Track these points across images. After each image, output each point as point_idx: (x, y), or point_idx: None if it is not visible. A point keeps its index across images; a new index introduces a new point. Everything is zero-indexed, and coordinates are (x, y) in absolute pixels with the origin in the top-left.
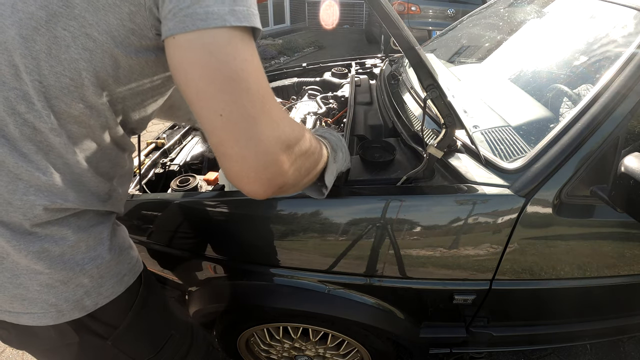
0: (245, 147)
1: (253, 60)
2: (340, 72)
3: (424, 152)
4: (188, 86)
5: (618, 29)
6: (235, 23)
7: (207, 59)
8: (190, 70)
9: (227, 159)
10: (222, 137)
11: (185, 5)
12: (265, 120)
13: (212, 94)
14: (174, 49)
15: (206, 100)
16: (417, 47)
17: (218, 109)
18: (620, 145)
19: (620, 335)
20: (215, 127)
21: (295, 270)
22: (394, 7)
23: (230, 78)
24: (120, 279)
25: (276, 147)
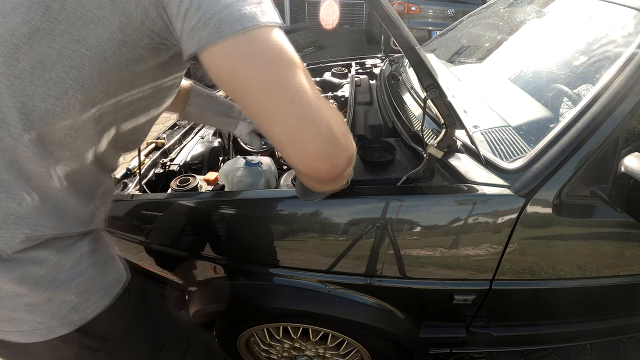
0: (321, 124)
1: (293, 48)
2: (340, 72)
3: (424, 152)
4: (248, 86)
5: (618, 29)
6: (270, 21)
7: (261, 52)
8: (247, 70)
9: (304, 144)
10: (297, 123)
11: (217, 11)
12: (324, 99)
13: (278, 82)
14: (217, 56)
15: (275, 91)
16: (417, 47)
17: (288, 94)
18: (620, 145)
19: (620, 335)
20: (289, 115)
21: (295, 270)
22: (394, 7)
23: (290, 62)
24: (106, 291)
25: (341, 121)
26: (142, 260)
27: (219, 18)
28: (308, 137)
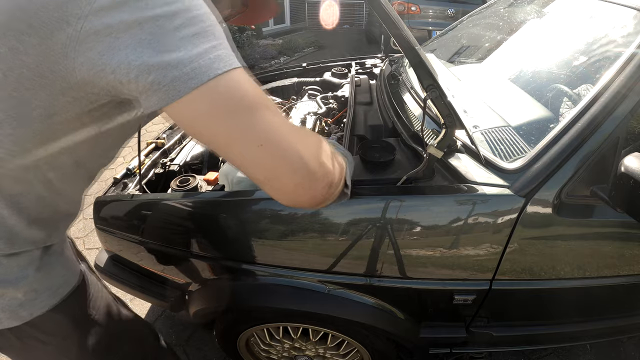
0: (293, 160)
1: (256, 86)
2: (340, 72)
3: (424, 152)
4: (215, 138)
5: (618, 29)
6: (225, 67)
7: (221, 103)
8: (210, 124)
9: (279, 181)
10: (269, 165)
11: (168, 71)
12: (296, 130)
13: (243, 130)
14: (179, 114)
15: (242, 139)
16: (417, 47)
17: (255, 140)
18: (620, 145)
19: (620, 335)
20: (259, 158)
21: (295, 270)
22: (394, 7)
23: (252, 106)
24: (54, 292)
25: (316, 149)
26: (142, 260)
27: (172, 77)
28: (282, 175)
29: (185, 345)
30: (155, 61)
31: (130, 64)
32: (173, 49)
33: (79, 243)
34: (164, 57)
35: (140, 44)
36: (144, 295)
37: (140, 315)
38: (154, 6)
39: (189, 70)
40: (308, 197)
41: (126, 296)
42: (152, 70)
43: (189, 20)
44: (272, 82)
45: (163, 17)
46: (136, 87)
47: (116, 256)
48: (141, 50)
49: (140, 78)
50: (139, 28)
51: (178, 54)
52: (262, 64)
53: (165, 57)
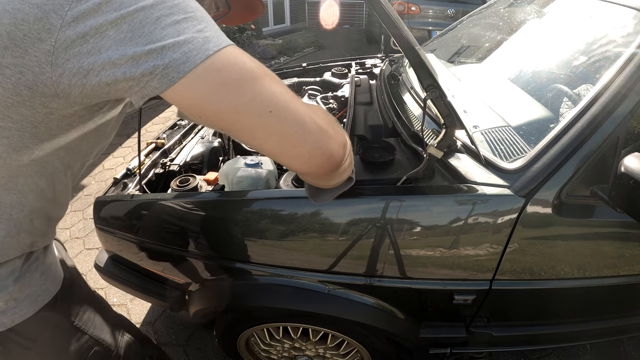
0: (305, 122)
1: (252, 58)
2: (340, 72)
3: (424, 152)
4: (223, 116)
5: (618, 29)
6: (216, 46)
7: (221, 80)
8: (214, 102)
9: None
10: (282, 131)
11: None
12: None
13: (250, 101)
14: (179, 99)
15: (251, 110)
16: (417, 47)
17: (264, 107)
18: (620, 145)
19: (620, 335)
20: (272, 125)
21: (295, 270)
22: (394, 7)
23: (253, 76)
24: (34, 299)
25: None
26: (142, 260)
27: (163, 66)
28: (298, 140)
29: (185, 345)
30: (144, 53)
31: (117, 60)
32: (159, 38)
33: (79, 243)
34: (152, 48)
35: (125, 40)
36: (144, 295)
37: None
38: (130, 3)
39: (180, 55)
40: (326, 158)
41: (126, 296)
42: (142, 61)
43: (169, 9)
44: None
45: (142, 11)
46: (125, 82)
47: (116, 256)
48: (126, 47)
49: (130, 71)
50: (120, 26)
51: (165, 42)
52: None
53: (154, 47)
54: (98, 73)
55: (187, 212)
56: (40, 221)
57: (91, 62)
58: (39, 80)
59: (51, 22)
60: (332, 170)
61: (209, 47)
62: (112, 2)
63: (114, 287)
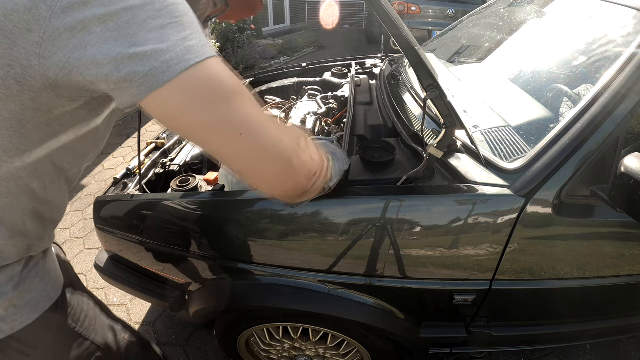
0: (273, 149)
1: (232, 75)
2: (340, 72)
3: (424, 152)
4: (194, 131)
5: (618, 29)
6: (198, 57)
7: (196, 95)
8: (188, 116)
9: (261, 171)
10: (250, 155)
11: (140, 67)
12: (272, 120)
13: (222, 121)
14: (154, 108)
15: (221, 131)
16: (417, 47)
17: (236, 129)
18: (620, 145)
19: (620, 335)
20: (240, 149)
21: (296, 270)
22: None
23: (229, 94)
24: (35, 305)
25: (293, 138)
26: (142, 260)
27: (143, 73)
28: (263, 165)
29: (185, 345)
30: (126, 56)
31: (101, 60)
32: (143, 42)
33: (79, 243)
34: (134, 51)
35: (110, 39)
36: (144, 295)
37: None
38: (118, 1)
39: (160, 64)
40: (292, 185)
41: (126, 296)
42: (123, 66)
43: (157, 12)
44: (272, 82)
45: (130, 11)
46: (107, 84)
47: (116, 256)
48: (110, 46)
49: (112, 75)
50: (107, 23)
51: (148, 48)
52: (262, 64)
53: (136, 52)
54: (82, 71)
55: (187, 212)
56: (34, 223)
57: (76, 59)
58: (27, 73)
59: (40, 13)
60: (297, 196)
61: (190, 57)
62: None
63: (114, 287)
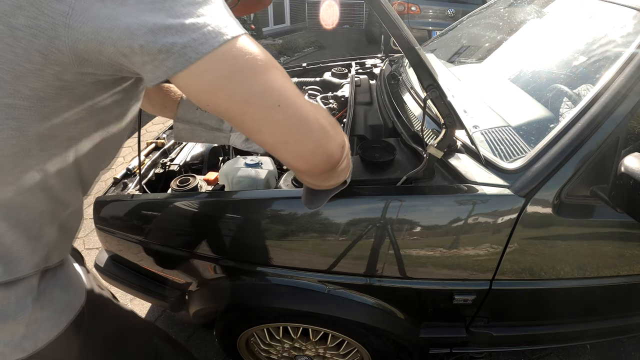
0: (310, 120)
1: (264, 50)
2: (340, 72)
3: (424, 152)
4: (232, 104)
5: (618, 29)
6: (233, 33)
7: (234, 67)
8: (226, 89)
9: (299, 143)
10: (288, 126)
11: (177, 38)
12: (303, 96)
13: (260, 93)
14: (191, 82)
15: (260, 102)
16: (417, 47)
17: (274, 101)
18: (620, 146)
19: (620, 335)
20: (279, 120)
21: (296, 270)
22: (394, 7)
23: (265, 67)
24: (56, 320)
25: (324, 112)
26: (142, 260)
27: (182, 44)
28: (301, 136)
29: (185, 345)
30: (163, 27)
31: (136, 30)
32: (180, 15)
33: (79, 243)
34: (172, 23)
35: (145, 10)
36: (144, 295)
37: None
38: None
39: (199, 35)
40: (325, 157)
41: (126, 296)
42: (160, 36)
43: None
44: None
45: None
46: (141, 56)
47: (116, 256)
48: (146, 17)
49: (148, 45)
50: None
51: (186, 21)
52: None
53: (173, 23)
54: (115, 42)
55: (187, 212)
56: (52, 228)
57: (108, 28)
58: (53, 45)
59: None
60: (329, 170)
61: (228, 31)
62: None
63: (114, 287)
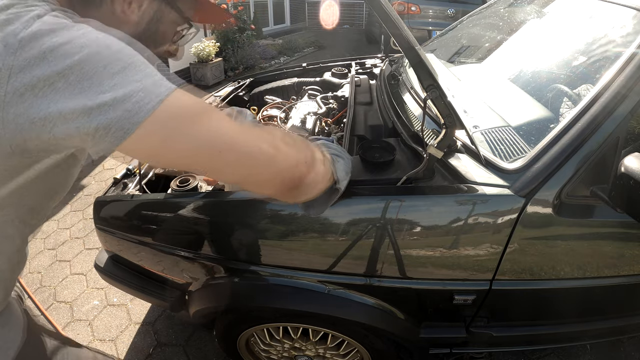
0: (255, 153)
1: (196, 99)
2: (340, 72)
3: (424, 152)
4: (176, 159)
5: (618, 29)
6: (161, 95)
7: (169, 129)
8: (166, 152)
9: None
10: (236, 168)
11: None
12: (244, 127)
13: (200, 146)
14: (132, 151)
15: (202, 155)
16: (417, 47)
17: (215, 149)
18: (620, 146)
19: (620, 336)
20: (226, 164)
21: (295, 270)
22: (394, 7)
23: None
24: (3, 354)
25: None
26: (142, 260)
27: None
28: (258, 168)
29: (185, 345)
30: (95, 107)
31: (69, 115)
32: (109, 89)
33: (79, 243)
34: (102, 100)
35: (74, 92)
36: (144, 295)
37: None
38: (73, 54)
39: (131, 105)
40: (285, 179)
41: (126, 296)
42: (94, 116)
43: (113, 56)
44: (272, 82)
45: (87, 61)
46: (80, 137)
47: (116, 256)
48: (77, 100)
49: (84, 126)
50: (68, 77)
51: (116, 94)
52: (262, 64)
53: (104, 100)
54: (51, 129)
55: (187, 213)
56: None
57: (42, 117)
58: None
59: None
60: (296, 187)
61: (159, 92)
62: (56, 50)
63: (114, 287)
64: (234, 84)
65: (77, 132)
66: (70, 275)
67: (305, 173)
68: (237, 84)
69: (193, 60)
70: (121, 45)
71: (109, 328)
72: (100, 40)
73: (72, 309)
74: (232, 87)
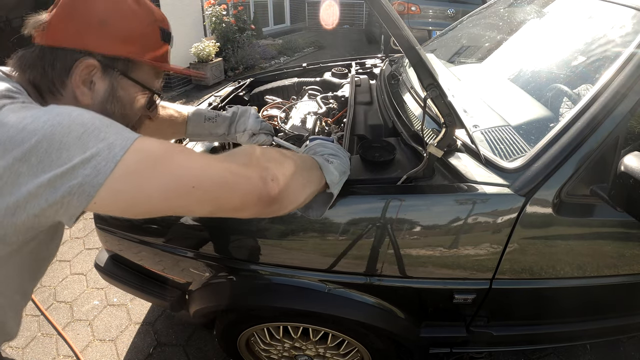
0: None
1: (159, 141)
2: (340, 72)
3: (424, 152)
4: (153, 205)
5: (618, 29)
6: (122, 150)
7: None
8: (136, 200)
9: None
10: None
11: (73, 182)
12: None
13: (171, 188)
14: (104, 208)
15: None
16: (417, 47)
17: (186, 186)
18: (620, 145)
19: (620, 335)
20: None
21: (296, 270)
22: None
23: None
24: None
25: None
26: (142, 260)
27: (78, 184)
28: (227, 196)
29: (185, 345)
30: (58, 177)
31: (36, 191)
32: (68, 160)
33: (79, 243)
34: (64, 170)
35: (38, 172)
36: (144, 295)
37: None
38: (30, 135)
39: (90, 170)
40: (258, 199)
41: (126, 296)
42: (58, 186)
43: (67, 128)
44: (272, 82)
45: (44, 141)
46: (50, 208)
47: (116, 256)
48: (41, 176)
49: (51, 197)
50: (29, 159)
51: (74, 162)
52: (262, 64)
53: (65, 169)
54: (24, 208)
55: None
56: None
57: (14, 201)
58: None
59: None
60: (272, 203)
61: (116, 151)
62: (14, 138)
63: (114, 287)
64: (234, 84)
65: (46, 204)
66: (70, 275)
67: (272, 187)
68: (237, 84)
69: (193, 60)
70: (77, 111)
71: (109, 328)
72: (61, 112)
73: (72, 309)
74: (232, 87)
